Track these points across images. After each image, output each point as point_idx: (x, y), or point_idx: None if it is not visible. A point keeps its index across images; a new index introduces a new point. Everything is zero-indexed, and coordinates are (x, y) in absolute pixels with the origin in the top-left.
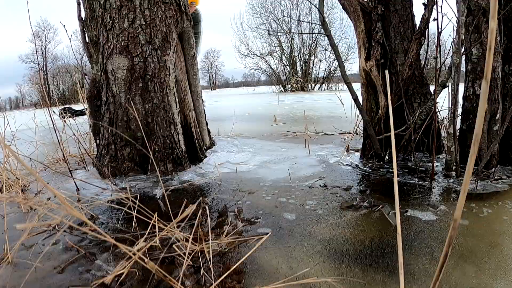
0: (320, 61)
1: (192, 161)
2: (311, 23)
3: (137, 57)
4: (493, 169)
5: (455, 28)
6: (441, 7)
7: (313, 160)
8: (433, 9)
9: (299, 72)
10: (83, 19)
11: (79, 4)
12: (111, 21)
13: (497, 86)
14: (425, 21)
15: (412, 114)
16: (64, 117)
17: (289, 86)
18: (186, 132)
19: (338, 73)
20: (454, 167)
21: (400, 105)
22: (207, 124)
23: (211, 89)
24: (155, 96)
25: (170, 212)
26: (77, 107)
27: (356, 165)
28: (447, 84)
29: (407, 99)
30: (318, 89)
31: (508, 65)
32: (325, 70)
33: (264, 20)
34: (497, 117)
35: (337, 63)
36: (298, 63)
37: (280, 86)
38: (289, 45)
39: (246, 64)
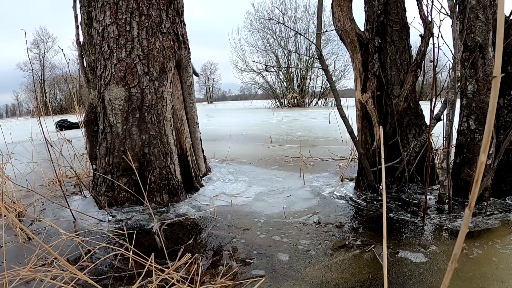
0: (317, 77)
1: (188, 190)
2: (309, 40)
3: (134, 88)
4: (485, 203)
5: (451, 64)
6: (437, 38)
7: (308, 192)
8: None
9: (296, 88)
10: (82, 43)
11: (77, 28)
12: (109, 50)
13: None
14: (421, 53)
15: (407, 146)
16: (62, 129)
17: (285, 101)
18: (182, 161)
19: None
20: (447, 201)
21: (396, 137)
22: (203, 151)
23: (208, 102)
24: (152, 127)
25: (165, 251)
26: (73, 118)
27: (350, 197)
28: (441, 118)
29: (402, 131)
30: (315, 105)
31: (503, 98)
32: (321, 86)
33: (261, 36)
34: (490, 151)
35: (334, 79)
36: (295, 79)
37: (277, 101)
38: (286, 60)
39: (243, 79)
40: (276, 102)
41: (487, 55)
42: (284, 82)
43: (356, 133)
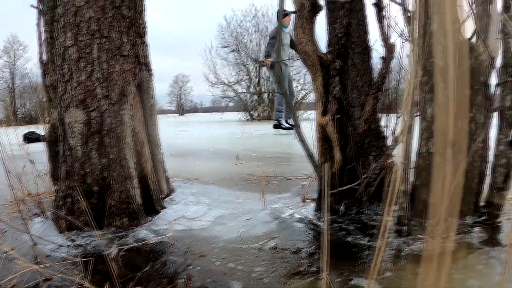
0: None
1: (149, 213)
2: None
3: (94, 111)
4: (443, 225)
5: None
6: (399, 60)
7: (268, 215)
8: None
9: (266, 101)
10: (44, 62)
11: (41, 45)
12: (69, 72)
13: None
14: (382, 75)
15: (368, 168)
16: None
17: (256, 114)
18: (143, 184)
19: (305, 101)
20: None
21: (356, 159)
22: (165, 172)
23: (179, 114)
24: (111, 151)
25: (119, 280)
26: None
27: (310, 220)
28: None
29: (362, 153)
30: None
31: (460, 121)
32: (301, 99)
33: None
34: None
35: (304, 93)
36: (266, 94)
37: (247, 114)
38: (257, 74)
39: (214, 92)
40: (246, 115)
41: (446, 79)
42: (255, 95)
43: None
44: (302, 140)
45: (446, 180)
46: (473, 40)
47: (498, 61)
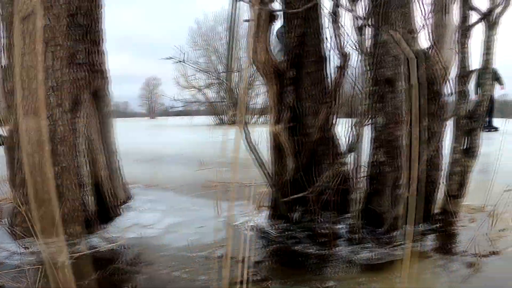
0: (257, 95)
1: (103, 220)
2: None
3: (47, 119)
4: (394, 233)
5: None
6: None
7: (220, 223)
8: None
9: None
10: (4, 67)
11: (0, 51)
12: (26, 80)
13: (400, 154)
14: (336, 84)
15: (321, 175)
16: None
17: (226, 118)
18: (97, 191)
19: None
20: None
21: (310, 167)
22: (122, 179)
23: (150, 118)
24: (64, 159)
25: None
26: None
27: (262, 228)
28: (353, 149)
29: (316, 161)
30: (254, 123)
31: (415, 129)
32: (262, 104)
33: (203, 53)
34: (400, 182)
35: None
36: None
37: (217, 118)
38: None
39: (184, 95)
40: (216, 119)
41: (397, 88)
42: (225, 99)
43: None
44: (252, 150)
45: (398, 189)
46: (430, 49)
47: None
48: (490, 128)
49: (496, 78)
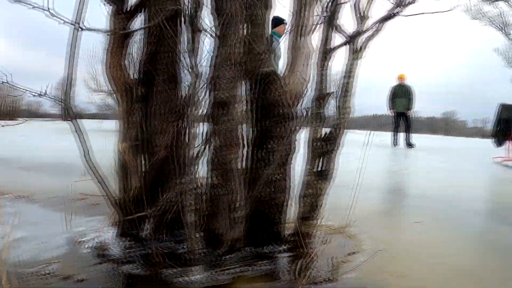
0: None
1: None
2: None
3: None
4: (231, 255)
5: None
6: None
7: (65, 239)
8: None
9: None
10: None
11: None
12: None
13: (234, 177)
14: (183, 103)
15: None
16: None
17: None
18: None
19: None
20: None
21: (156, 186)
22: None
23: (63, 120)
24: None
25: None
26: None
27: (106, 245)
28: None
29: (163, 179)
30: None
31: (261, 151)
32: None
33: None
34: (237, 205)
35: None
36: None
37: None
38: None
39: (94, 99)
40: None
41: (232, 111)
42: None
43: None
44: (91, 167)
45: (234, 211)
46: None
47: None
48: (409, 145)
49: (409, 98)
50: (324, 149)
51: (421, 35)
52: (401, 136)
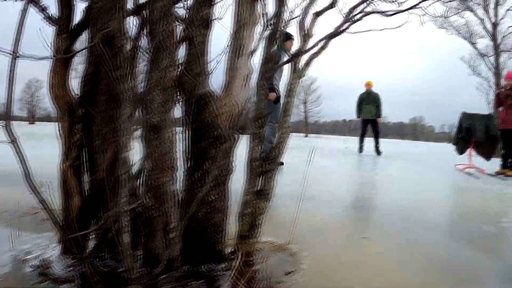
0: None
1: None
2: None
3: None
4: (161, 276)
5: None
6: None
7: (8, 257)
8: None
9: None
10: None
11: None
12: None
13: (168, 199)
14: (132, 114)
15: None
16: None
17: None
18: None
19: None
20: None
21: (97, 205)
22: None
23: (29, 123)
24: None
25: None
26: None
27: (48, 264)
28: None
29: (105, 198)
30: None
31: (196, 173)
32: None
33: None
34: (171, 226)
35: None
36: None
37: None
38: None
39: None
40: None
41: (164, 135)
42: None
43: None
44: (31, 186)
45: (170, 232)
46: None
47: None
48: (378, 152)
49: (376, 106)
50: (263, 169)
51: (391, 41)
52: (368, 143)
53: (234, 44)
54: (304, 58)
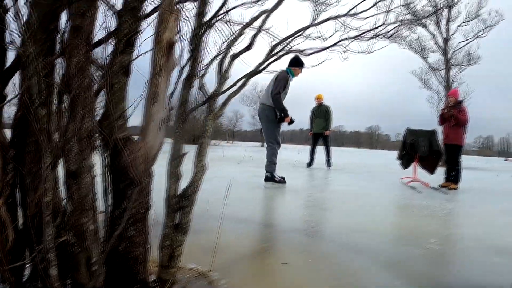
0: None
1: None
2: None
3: None
4: None
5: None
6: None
7: None
8: None
9: None
10: None
11: None
12: None
13: (88, 237)
14: (51, 163)
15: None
16: None
17: None
18: None
19: None
20: None
21: (30, 238)
22: None
23: None
24: None
25: None
26: None
27: None
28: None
29: (39, 232)
30: None
31: (117, 211)
32: None
33: None
34: (93, 260)
35: None
36: None
37: None
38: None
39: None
40: None
41: (82, 180)
42: None
43: None
44: None
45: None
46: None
47: None
48: (329, 165)
49: (326, 119)
50: (180, 205)
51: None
52: (321, 155)
53: (150, 90)
54: (221, 98)
